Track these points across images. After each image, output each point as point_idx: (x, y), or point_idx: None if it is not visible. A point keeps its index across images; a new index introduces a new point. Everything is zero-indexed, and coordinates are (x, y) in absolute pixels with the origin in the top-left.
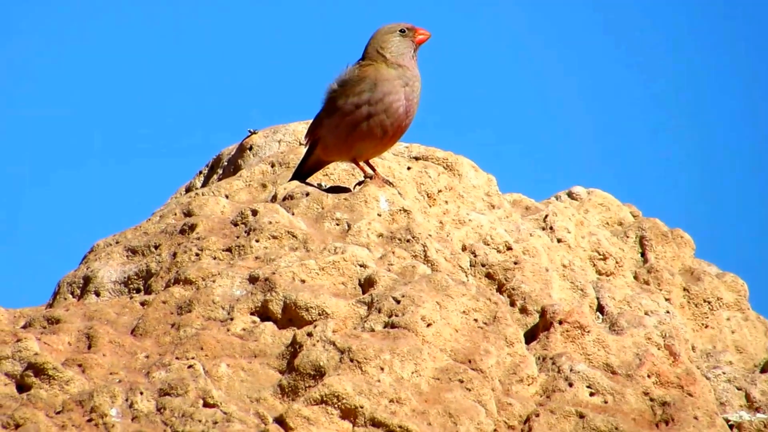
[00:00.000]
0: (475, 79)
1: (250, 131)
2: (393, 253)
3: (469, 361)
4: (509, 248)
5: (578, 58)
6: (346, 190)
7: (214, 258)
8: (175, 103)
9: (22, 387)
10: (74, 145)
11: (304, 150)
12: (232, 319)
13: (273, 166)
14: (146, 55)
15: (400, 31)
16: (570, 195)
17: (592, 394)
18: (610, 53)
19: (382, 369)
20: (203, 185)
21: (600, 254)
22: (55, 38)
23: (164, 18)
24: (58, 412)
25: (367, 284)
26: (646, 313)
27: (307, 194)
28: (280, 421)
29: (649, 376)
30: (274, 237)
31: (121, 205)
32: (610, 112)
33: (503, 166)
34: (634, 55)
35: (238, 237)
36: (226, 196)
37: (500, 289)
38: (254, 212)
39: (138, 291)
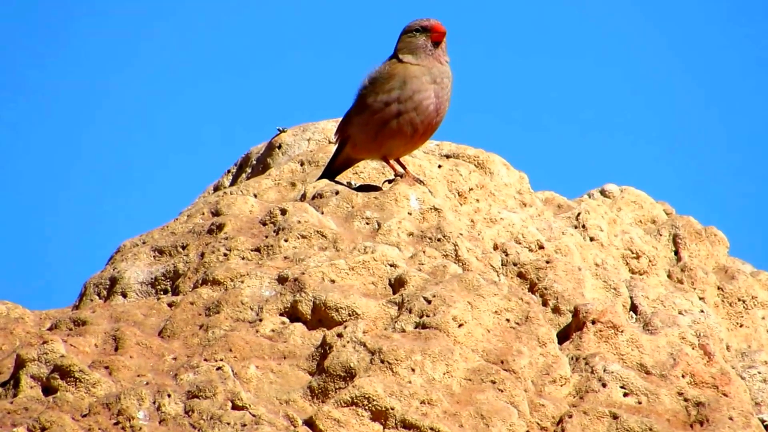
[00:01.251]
0: (506, 76)
1: (279, 129)
2: (424, 252)
3: (502, 362)
4: (541, 247)
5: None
6: (376, 188)
7: (243, 258)
8: (204, 101)
9: (48, 390)
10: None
11: (333, 148)
12: (261, 320)
13: (302, 164)
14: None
15: (416, 30)
16: (603, 193)
17: (625, 395)
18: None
19: (413, 370)
20: (231, 184)
21: (633, 253)
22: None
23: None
24: (85, 415)
25: (397, 284)
26: (680, 313)
27: (337, 193)
28: (309, 423)
29: (683, 376)
30: (304, 236)
31: (148, 204)
32: (643, 109)
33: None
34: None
35: (266, 237)
36: (255, 195)
37: (532, 289)
38: (283, 211)
39: (165, 292)
